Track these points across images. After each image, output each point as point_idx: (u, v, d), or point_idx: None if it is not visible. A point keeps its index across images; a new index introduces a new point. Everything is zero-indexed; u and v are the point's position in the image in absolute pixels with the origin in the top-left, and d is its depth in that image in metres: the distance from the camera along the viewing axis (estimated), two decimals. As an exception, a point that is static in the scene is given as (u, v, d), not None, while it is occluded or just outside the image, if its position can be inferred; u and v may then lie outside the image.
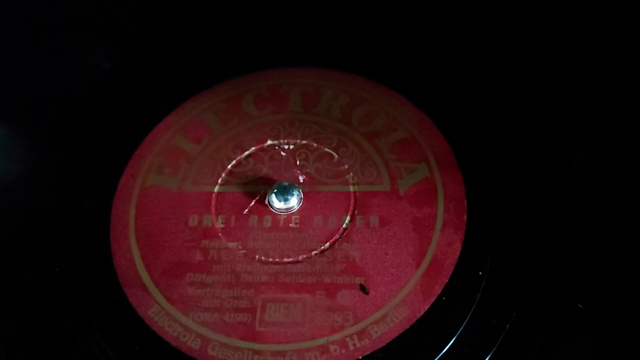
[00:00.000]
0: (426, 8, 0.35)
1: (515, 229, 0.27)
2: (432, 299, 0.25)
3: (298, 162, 0.30)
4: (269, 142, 0.30)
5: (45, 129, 0.32)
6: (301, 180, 0.29)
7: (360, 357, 0.24)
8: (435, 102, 0.31)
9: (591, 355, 0.26)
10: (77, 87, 0.33)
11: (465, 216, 0.27)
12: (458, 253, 0.26)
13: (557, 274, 0.26)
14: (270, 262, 0.26)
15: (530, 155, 0.29)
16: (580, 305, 0.26)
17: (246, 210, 0.28)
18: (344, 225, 0.27)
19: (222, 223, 0.27)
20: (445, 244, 0.26)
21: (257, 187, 0.29)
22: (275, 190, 0.28)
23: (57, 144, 0.31)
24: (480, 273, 0.26)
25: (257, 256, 0.26)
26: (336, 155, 0.30)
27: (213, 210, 0.28)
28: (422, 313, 0.25)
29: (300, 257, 0.26)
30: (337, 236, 0.27)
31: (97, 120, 0.31)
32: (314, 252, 0.26)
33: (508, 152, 0.29)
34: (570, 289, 0.26)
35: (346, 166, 0.29)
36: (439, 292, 0.25)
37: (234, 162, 0.30)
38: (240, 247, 0.27)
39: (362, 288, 0.25)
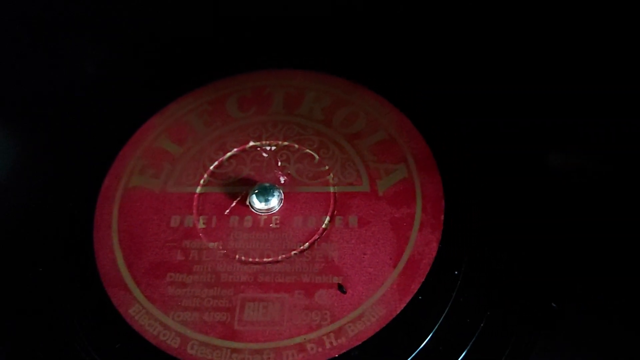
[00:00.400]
0: (407, 12, 0.36)
1: (492, 229, 0.27)
2: (409, 298, 0.25)
3: (279, 163, 0.30)
4: (251, 143, 0.31)
5: (31, 129, 0.32)
6: (282, 181, 0.29)
7: (336, 355, 0.24)
8: (416, 104, 0.31)
9: (566, 354, 0.26)
10: (63, 89, 0.34)
11: (443, 216, 0.28)
12: (435, 253, 0.27)
13: (533, 274, 0.27)
14: (250, 262, 0.27)
15: (509, 156, 0.30)
16: (553, 304, 0.26)
17: (227, 210, 0.28)
18: (324, 226, 0.28)
19: (203, 223, 0.28)
20: (423, 243, 0.27)
21: (239, 188, 0.29)
22: (256, 191, 0.28)
23: (42, 145, 0.31)
24: (456, 272, 0.26)
25: (237, 256, 0.27)
26: (317, 157, 0.30)
27: (195, 210, 0.28)
28: (398, 312, 0.25)
29: (280, 257, 0.27)
30: (316, 236, 0.27)
31: (82, 121, 0.32)
32: (293, 252, 0.27)
33: (486, 153, 0.29)
34: (546, 289, 0.26)
35: (327, 167, 0.30)
36: (415, 291, 0.26)
37: (216, 163, 0.30)
38: (220, 247, 0.27)
39: (340, 287, 0.26)
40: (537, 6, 0.34)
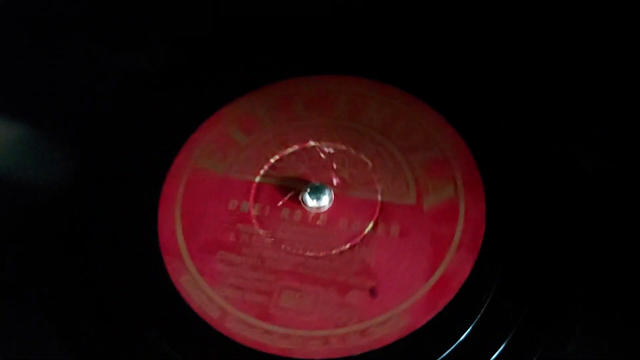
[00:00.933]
0: (477, 31, 0.36)
1: (529, 257, 0.28)
2: (434, 313, 0.27)
3: (334, 166, 0.32)
4: (311, 143, 0.33)
5: (117, 114, 0.35)
6: (334, 183, 0.31)
7: (357, 354, 0.26)
8: (473, 126, 0.32)
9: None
10: (146, 80, 0.37)
11: (481, 241, 0.29)
12: (467, 275, 0.28)
13: (560, 295, 0.27)
14: (294, 253, 0.29)
15: (559, 183, 0.30)
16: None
17: (280, 202, 0.31)
18: (366, 231, 0.29)
19: (257, 211, 0.30)
20: (457, 263, 0.28)
21: (294, 183, 0.31)
22: (309, 189, 0.30)
23: (124, 127, 0.34)
24: (482, 299, 0.27)
25: (282, 246, 0.29)
26: (370, 164, 0.32)
27: (251, 198, 0.31)
28: (422, 324, 0.27)
29: (321, 254, 0.29)
30: (358, 240, 0.29)
31: (161, 107, 0.35)
32: (334, 251, 0.29)
33: (533, 185, 0.30)
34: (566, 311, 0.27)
35: (378, 176, 0.31)
36: (441, 308, 0.27)
37: (277, 157, 0.32)
38: (269, 235, 0.30)
39: (371, 291, 0.28)
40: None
